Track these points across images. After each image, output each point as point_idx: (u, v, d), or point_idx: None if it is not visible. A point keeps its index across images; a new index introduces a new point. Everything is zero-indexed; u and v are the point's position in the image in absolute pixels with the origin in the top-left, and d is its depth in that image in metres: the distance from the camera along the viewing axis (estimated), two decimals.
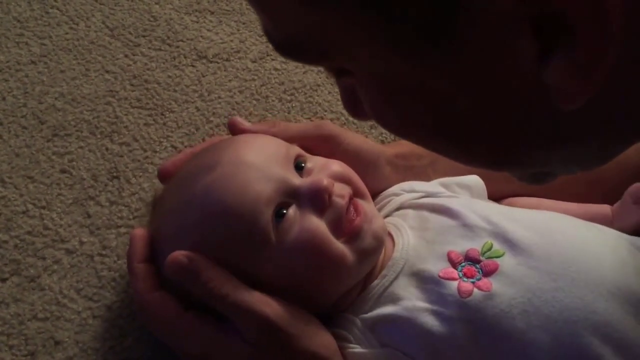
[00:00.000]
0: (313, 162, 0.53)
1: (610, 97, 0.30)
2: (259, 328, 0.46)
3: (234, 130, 0.59)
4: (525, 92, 0.29)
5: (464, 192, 0.58)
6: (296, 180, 0.50)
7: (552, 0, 0.25)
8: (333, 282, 0.50)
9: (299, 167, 0.52)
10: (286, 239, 0.48)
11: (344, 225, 0.50)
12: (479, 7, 0.26)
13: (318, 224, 0.49)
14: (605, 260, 0.50)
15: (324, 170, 0.52)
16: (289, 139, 0.56)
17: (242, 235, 0.48)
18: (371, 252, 0.51)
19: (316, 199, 0.49)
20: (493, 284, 0.48)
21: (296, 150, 0.54)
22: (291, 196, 0.50)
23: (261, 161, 0.50)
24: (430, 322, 0.47)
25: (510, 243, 0.50)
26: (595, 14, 0.25)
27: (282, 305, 0.47)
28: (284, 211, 0.49)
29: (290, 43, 0.33)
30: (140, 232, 0.53)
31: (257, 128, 0.58)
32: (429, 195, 0.56)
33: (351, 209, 0.51)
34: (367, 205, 0.52)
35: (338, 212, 0.50)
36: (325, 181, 0.50)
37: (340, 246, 0.49)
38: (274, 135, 0.56)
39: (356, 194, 0.52)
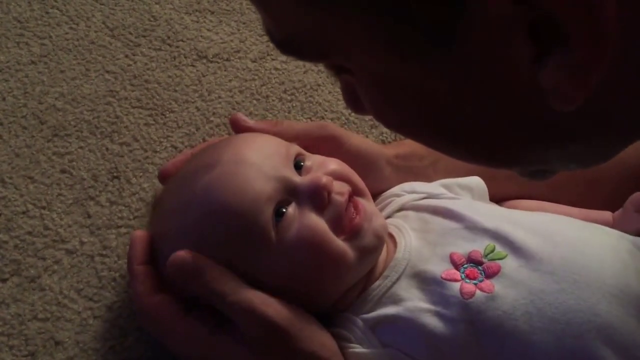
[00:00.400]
0: (312, 160, 0.53)
1: (609, 96, 0.30)
2: (260, 328, 0.46)
3: (237, 127, 0.58)
4: (524, 93, 0.29)
5: (465, 193, 0.58)
6: (295, 178, 0.50)
7: (547, 5, 0.25)
8: (334, 280, 0.50)
9: (298, 166, 0.52)
10: (286, 237, 0.48)
11: (344, 224, 0.50)
12: (478, 10, 0.26)
13: (318, 222, 0.49)
14: (607, 262, 0.50)
15: (323, 168, 0.52)
16: (292, 139, 0.56)
17: (242, 234, 0.48)
18: (372, 250, 0.51)
19: (315, 197, 0.49)
20: (495, 285, 0.48)
21: (295, 149, 0.54)
22: (291, 194, 0.50)
23: (261, 160, 0.50)
24: (433, 322, 0.47)
25: (513, 245, 0.50)
26: (589, 19, 0.25)
27: (283, 306, 0.47)
28: (284, 209, 0.49)
29: (290, 42, 0.33)
30: (140, 233, 0.53)
31: (260, 126, 0.58)
32: (430, 196, 0.56)
33: (351, 207, 0.50)
34: (367, 204, 0.52)
35: (338, 210, 0.50)
36: (324, 179, 0.50)
37: (340, 244, 0.49)
38: (277, 134, 0.56)
39: (356, 192, 0.52)
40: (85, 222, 0.62)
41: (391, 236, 0.54)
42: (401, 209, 0.56)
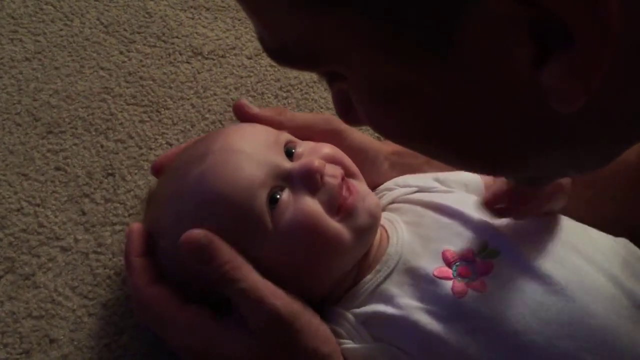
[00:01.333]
0: (303, 147, 0.53)
1: (610, 98, 0.30)
2: (266, 319, 0.46)
3: (240, 113, 0.57)
4: (525, 95, 0.29)
5: (459, 187, 0.58)
6: (287, 164, 0.50)
7: (549, 3, 0.25)
8: (331, 262, 0.50)
9: (289, 154, 0.52)
10: (282, 222, 0.48)
11: (338, 205, 0.50)
12: (478, 11, 0.26)
13: (312, 204, 0.49)
14: (601, 262, 0.49)
15: (315, 153, 0.52)
16: (296, 128, 0.56)
17: (238, 221, 0.48)
18: (367, 229, 0.51)
19: (308, 180, 0.49)
20: (488, 284, 0.48)
21: (286, 136, 0.54)
22: (283, 180, 0.50)
23: (252, 148, 0.50)
24: (424, 320, 0.47)
25: (505, 243, 0.50)
26: (592, 18, 0.25)
27: (291, 299, 0.47)
28: (278, 196, 0.49)
29: (285, 50, 0.32)
30: (137, 226, 0.53)
31: (265, 113, 0.57)
32: (422, 190, 0.56)
33: (344, 188, 0.51)
34: (359, 185, 0.53)
35: (331, 191, 0.50)
36: (317, 162, 0.50)
37: (336, 224, 0.49)
38: (280, 123, 0.56)
39: (348, 174, 0.53)
40: (80, 219, 0.62)
41: (383, 230, 0.54)
42: (393, 202, 0.56)
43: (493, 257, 0.49)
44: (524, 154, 0.34)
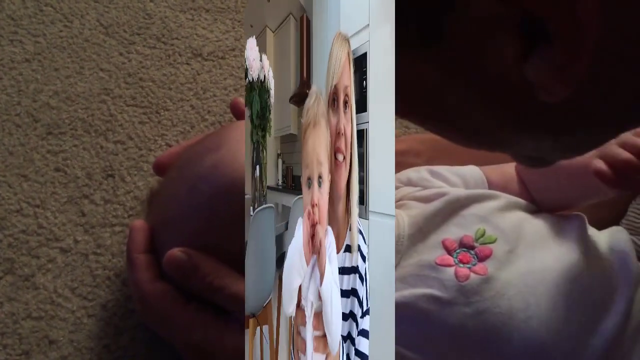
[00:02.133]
0: None
1: (595, 88, 0.30)
2: None
3: (236, 111, 0.59)
4: (513, 85, 0.30)
5: (459, 181, 0.58)
6: None
7: (530, 5, 0.26)
8: None
9: None
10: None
11: None
12: (468, 12, 0.27)
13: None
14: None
15: None
16: None
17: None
18: None
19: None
20: (488, 268, 0.49)
21: None
22: None
23: None
24: (430, 306, 0.48)
25: (501, 229, 0.51)
26: (569, 17, 0.26)
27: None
28: None
29: None
30: (139, 223, 0.53)
31: None
32: (425, 187, 0.57)
33: None
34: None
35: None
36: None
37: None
38: None
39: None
40: (80, 220, 0.62)
41: None
42: (400, 200, 0.57)
43: (491, 243, 0.51)
44: (516, 136, 0.35)
